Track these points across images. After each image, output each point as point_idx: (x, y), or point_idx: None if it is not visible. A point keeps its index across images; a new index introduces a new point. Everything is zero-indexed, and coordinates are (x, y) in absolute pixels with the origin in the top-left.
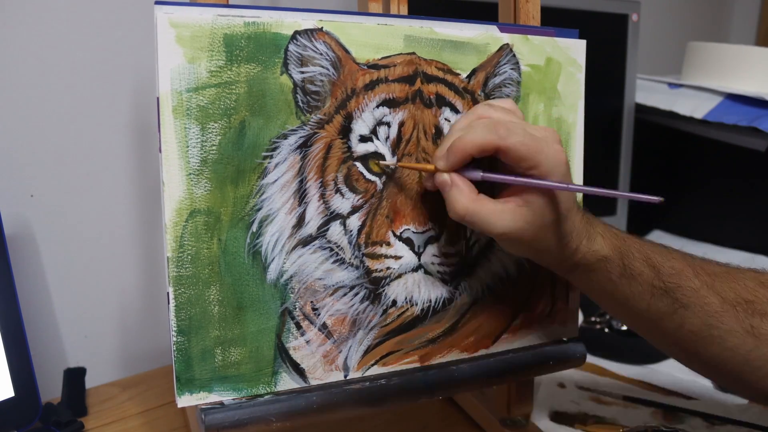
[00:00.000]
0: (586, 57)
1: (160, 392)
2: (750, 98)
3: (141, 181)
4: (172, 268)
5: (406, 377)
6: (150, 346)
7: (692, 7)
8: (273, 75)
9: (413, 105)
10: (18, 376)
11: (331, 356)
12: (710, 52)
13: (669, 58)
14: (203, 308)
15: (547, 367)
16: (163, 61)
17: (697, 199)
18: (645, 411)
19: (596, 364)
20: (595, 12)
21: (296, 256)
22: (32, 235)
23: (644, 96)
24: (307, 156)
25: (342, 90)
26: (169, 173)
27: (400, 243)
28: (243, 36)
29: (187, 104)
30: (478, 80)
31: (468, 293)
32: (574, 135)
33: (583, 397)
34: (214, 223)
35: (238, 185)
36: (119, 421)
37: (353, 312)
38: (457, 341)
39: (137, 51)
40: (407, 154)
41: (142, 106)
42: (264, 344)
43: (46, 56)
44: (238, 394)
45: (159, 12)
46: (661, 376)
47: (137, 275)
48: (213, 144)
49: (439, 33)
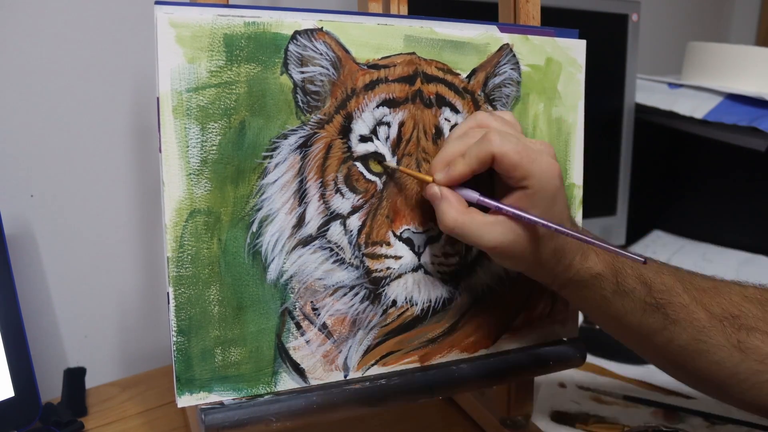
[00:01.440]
0: (586, 57)
1: (160, 392)
2: (750, 98)
3: (141, 181)
4: (172, 268)
5: (406, 377)
6: (150, 346)
7: (692, 7)
8: (273, 75)
9: (413, 105)
10: (18, 376)
11: (331, 356)
12: (710, 52)
13: (669, 58)
14: (203, 308)
15: (547, 367)
16: (163, 61)
17: (696, 199)
18: (645, 410)
19: (596, 364)
20: (595, 12)
21: (296, 256)
22: (32, 235)
23: (644, 96)
24: (307, 156)
25: (342, 90)
26: (169, 173)
27: (400, 243)
28: (243, 36)
29: (187, 104)
30: (478, 80)
31: (468, 293)
32: (574, 135)
33: (584, 396)
34: (214, 223)
35: (238, 185)
36: (119, 421)
37: (353, 312)
38: (457, 341)
39: (137, 51)
40: (407, 154)
41: (142, 106)
42: (264, 344)
43: (46, 56)
44: (238, 394)
45: (159, 12)
46: (661, 376)
47: (137, 275)
48: (213, 144)
49: (439, 33)
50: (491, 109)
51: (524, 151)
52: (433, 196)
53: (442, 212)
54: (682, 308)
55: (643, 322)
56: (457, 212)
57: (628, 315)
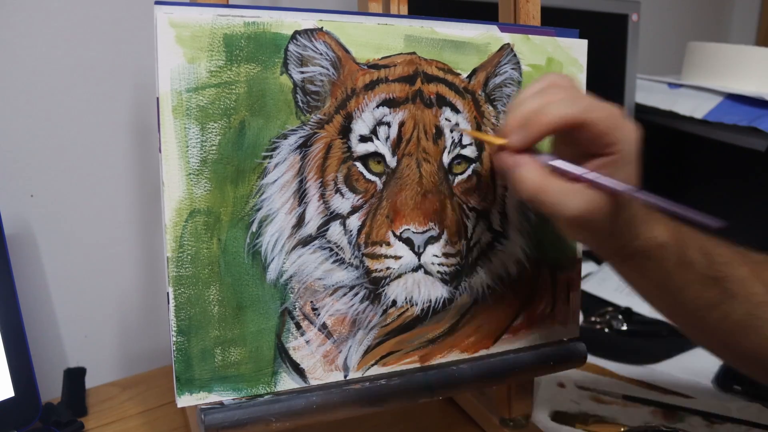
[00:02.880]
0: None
1: (160, 392)
2: (750, 98)
3: (141, 181)
4: (171, 268)
5: (406, 377)
6: (150, 346)
7: (692, 7)
8: (273, 75)
9: (413, 105)
10: (18, 376)
11: (330, 356)
12: (710, 52)
13: (669, 58)
14: (203, 308)
15: (548, 367)
16: (162, 61)
17: (696, 199)
18: (645, 410)
19: (596, 364)
20: (596, 12)
21: (296, 256)
22: (32, 235)
23: (644, 96)
24: (307, 156)
25: (342, 90)
26: (168, 173)
27: (399, 243)
28: (243, 36)
29: (187, 104)
30: (479, 80)
31: (468, 293)
32: None
33: (584, 396)
34: (213, 223)
35: (238, 185)
36: (119, 421)
37: (353, 312)
38: (458, 341)
39: (137, 51)
40: (407, 154)
41: (142, 106)
42: (264, 344)
43: (46, 56)
44: (237, 394)
45: (159, 12)
46: (661, 376)
47: (137, 275)
48: (213, 144)
49: (439, 33)
50: (492, 109)
51: (612, 117)
52: (507, 163)
53: (520, 178)
54: (740, 281)
55: (701, 296)
56: (538, 177)
57: (687, 288)
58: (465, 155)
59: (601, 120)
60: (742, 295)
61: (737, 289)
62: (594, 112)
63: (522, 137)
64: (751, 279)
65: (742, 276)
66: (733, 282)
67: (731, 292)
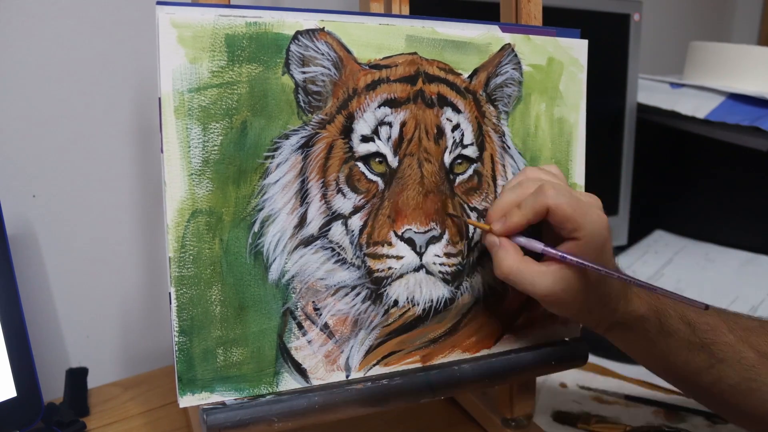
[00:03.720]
0: (587, 57)
1: (162, 392)
2: (752, 98)
3: (143, 182)
4: (173, 268)
5: (407, 377)
6: (152, 347)
7: (694, 7)
8: (275, 75)
9: (415, 105)
10: (20, 376)
11: (332, 356)
12: (712, 51)
13: (671, 57)
14: (205, 308)
15: (549, 367)
16: (164, 61)
17: (698, 199)
18: (647, 410)
19: (598, 364)
20: (597, 12)
21: (298, 256)
22: (34, 235)
23: (646, 96)
24: (309, 156)
25: (343, 90)
26: (170, 173)
27: (401, 243)
28: (245, 36)
29: (189, 104)
30: (480, 80)
31: (470, 293)
32: (575, 135)
33: (585, 396)
34: (215, 223)
35: (240, 185)
36: (121, 421)
37: (355, 312)
38: (459, 341)
39: (139, 51)
40: (409, 154)
41: (144, 106)
42: (266, 344)
43: (47, 57)
44: (239, 394)
45: (161, 12)
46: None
47: (139, 275)
48: (215, 144)
49: (440, 33)
50: (493, 109)
51: (576, 204)
52: (491, 244)
53: (499, 259)
54: (729, 347)
55: (689, 360)
56: (513, 260)
57: (673, 354)
58: (466, 155)
59: (564, 206)
60: (732, 359)
61: (726, 353)
62: (559, 199)
63: (503, 227)
64: (740, 344)
65: (729, 342)
66: (720, 346)
67: (720, 356)
